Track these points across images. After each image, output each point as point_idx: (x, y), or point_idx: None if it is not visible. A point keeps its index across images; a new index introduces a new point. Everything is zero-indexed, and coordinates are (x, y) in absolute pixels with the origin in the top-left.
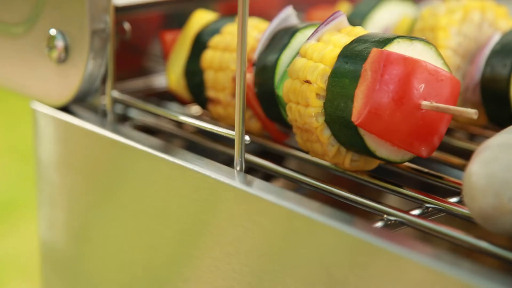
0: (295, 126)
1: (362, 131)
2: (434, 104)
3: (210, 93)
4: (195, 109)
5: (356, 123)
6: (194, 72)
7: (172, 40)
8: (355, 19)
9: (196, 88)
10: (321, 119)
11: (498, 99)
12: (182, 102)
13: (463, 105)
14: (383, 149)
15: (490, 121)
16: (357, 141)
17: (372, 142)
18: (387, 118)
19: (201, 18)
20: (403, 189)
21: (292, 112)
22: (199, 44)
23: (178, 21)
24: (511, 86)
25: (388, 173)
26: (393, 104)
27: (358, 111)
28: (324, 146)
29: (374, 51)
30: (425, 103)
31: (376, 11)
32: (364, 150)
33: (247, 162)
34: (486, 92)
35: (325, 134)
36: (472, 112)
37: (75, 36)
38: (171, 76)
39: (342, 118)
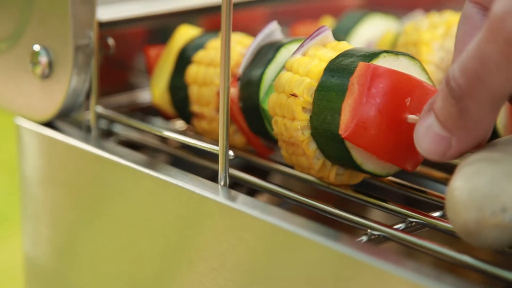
0: (281, 140)
1: (349, 144)
2: None
3: (195, 108)
4: (180, 124)
5: (343, 136)
6: (178, 87)
7: (156, 55)
8: (339, 34)
9: (181, 103)
10: (307, 132)
11: None
12: (167, 117)
13: None
14: (369, 163)
15: None
16: (343, 154)
17: (358, 155)
18: (374, 131)
19: (185, 33)
20: (387, 203)
21: (278, 126)
22: (183, 59)
23: (162, 36)
24: None
25: (372, 187)
26: (380, 117)
27: (345, 124)
28: (309, 159)
29: (361, 65)
30: (411, 116)
31: (360, 26)
32: (350, 164)
33: (231, 177)
34: None
35: (311, 148)
36: None
37: (59, 52)
38: (155, 91)
39: (328, 131)
